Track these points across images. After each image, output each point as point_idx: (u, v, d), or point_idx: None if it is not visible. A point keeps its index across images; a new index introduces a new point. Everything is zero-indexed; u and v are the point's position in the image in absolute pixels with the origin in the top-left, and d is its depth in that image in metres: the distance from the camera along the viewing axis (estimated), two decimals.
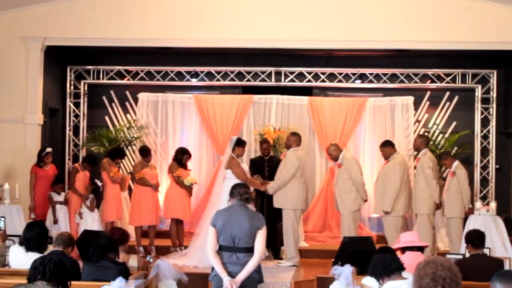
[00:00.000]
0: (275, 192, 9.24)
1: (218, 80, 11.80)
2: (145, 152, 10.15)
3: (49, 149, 10.13)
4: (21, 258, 6.15)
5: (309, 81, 11.70)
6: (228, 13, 10.75)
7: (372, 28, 10.66)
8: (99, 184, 10.01)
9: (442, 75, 11.61)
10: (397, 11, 10.68)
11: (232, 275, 5.35)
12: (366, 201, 9.56)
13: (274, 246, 9.63)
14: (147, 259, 7.12)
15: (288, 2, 10.75)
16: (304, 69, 11.67)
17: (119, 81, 11.83)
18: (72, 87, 11.86)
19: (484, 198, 11.19)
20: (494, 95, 11.53)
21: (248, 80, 11.72)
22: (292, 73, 11.66)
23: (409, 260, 5.49)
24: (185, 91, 11.96)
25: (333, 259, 7.79)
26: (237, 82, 11.81)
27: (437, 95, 11.94)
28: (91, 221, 9.65)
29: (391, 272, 4.69)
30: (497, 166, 11.55)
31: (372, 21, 10.67)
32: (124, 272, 5.64)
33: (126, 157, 11.37)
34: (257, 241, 5.43)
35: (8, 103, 10.79)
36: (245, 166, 9.44)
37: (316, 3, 10.72)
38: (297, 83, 11.71)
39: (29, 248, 6.18)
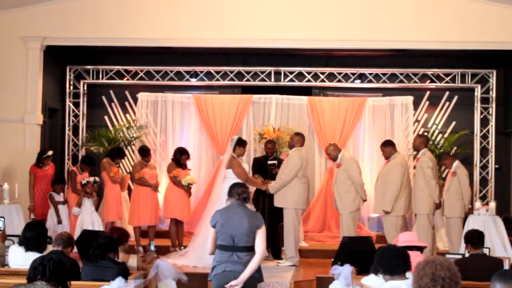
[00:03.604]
0: (276, 192, 9.24)
1: (217, 80, 11.80)
2: (144, 152, 10.14)
3: (50, 153, 10.08)
4: (20, 258, 6.14)
5: (308, 81, 11.70)
6: (227, 13, 10.74)
7: (372, 28, 10.65)
8: (97, 180, 10.03)
9: (442, 75, 11.61)
10: (396, 11, 10.67)
11: (234, 274, 5.35)
12: (365, 200, 9.56)
13: (275, 247, 9.62)
14: (151, 249, 7.11)
15: (288, 2, 10.74)
16: (303, 69, 11.67)
17: (118, 81, 11.83)
18: (71, 87, 11.86)
19: (483, 198, 11.20)
20: (494, 95, 11.53)
21: (248, 80, 11.71)
22: (291, 73, 11.66)
23: None
24: (184, 91, 11.96)
25: (332, 259, 7.80)
26: (237, 82, 11.81)
27: (436, 95, 11.94)
28: (98, 221, 9.69)
29: (394, 274, 4.67)
30: (496, 166, 11.55)
31: (371, 21, 10.66)
32: (124, 272, 5.64)
33: (125, 157, 11.36)
34: (258, 240, 5.42)
35: (8, 103, 10.78)
36: (246, 166, 9.44)
37: (316, 3, 10.71)
38: (297, 83, 11.71)
39: (28, 248, 6.17)
